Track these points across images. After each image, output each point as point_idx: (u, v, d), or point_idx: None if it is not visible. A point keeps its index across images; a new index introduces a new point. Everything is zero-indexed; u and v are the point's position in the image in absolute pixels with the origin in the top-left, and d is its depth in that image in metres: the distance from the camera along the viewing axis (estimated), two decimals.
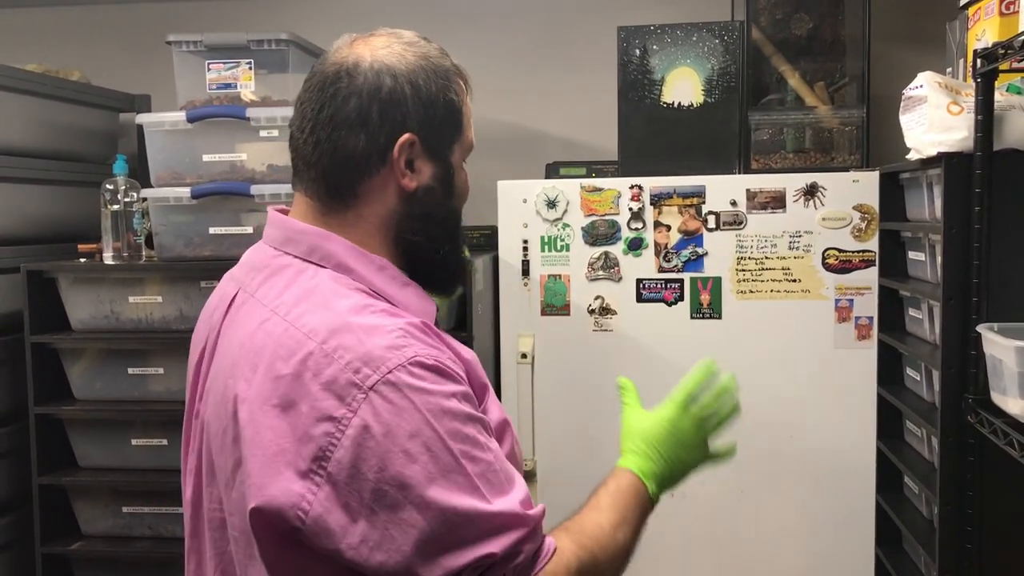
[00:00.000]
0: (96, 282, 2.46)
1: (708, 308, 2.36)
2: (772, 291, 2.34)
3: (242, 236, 2.40)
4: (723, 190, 2.34)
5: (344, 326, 1.00)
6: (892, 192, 2.33)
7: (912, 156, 2.07)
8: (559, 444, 2.42)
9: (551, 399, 2.41)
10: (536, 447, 2.40)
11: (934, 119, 1.92)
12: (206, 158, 2.42)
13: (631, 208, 2.37)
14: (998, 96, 1.83)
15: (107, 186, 2.48)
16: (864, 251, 2.30)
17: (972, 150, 1.83)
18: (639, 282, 2.38)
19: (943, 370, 1.92)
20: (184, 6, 3.20)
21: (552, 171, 2.67)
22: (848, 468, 2.34)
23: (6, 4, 3.25)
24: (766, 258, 2.33)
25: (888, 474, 2.38)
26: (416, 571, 0.95)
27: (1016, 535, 1.90)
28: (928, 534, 2.13)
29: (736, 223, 2.34)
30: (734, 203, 2.33)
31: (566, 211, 2.39)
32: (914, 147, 2.04)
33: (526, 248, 2.41)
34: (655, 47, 2.48)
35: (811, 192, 2.31)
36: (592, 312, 2.40)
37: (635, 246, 2.37)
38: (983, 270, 1.83)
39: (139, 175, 2.56)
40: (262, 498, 0.97)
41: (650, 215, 2.36)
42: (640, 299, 2.38)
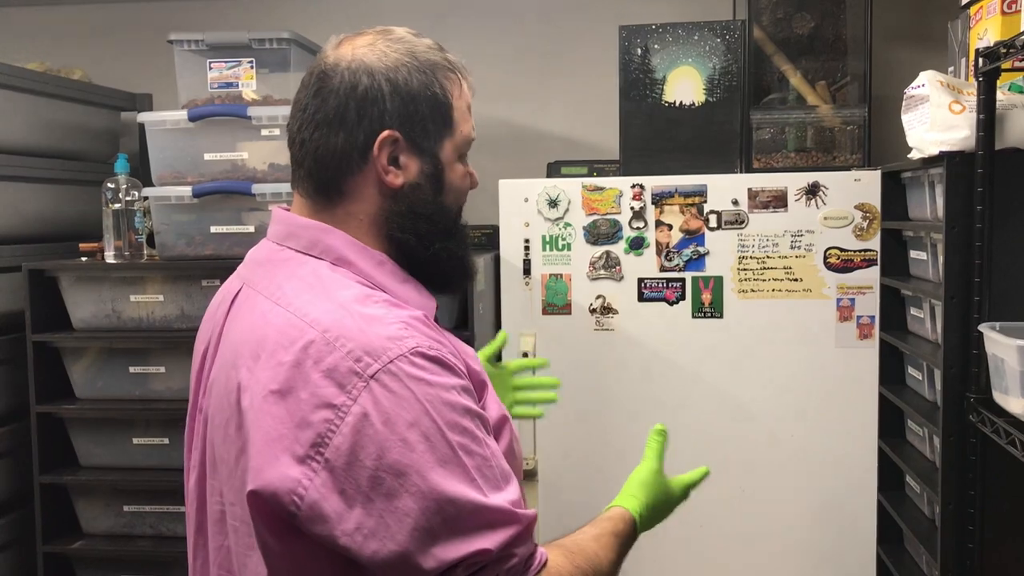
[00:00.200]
0: (97, 281, 2.46)
1: (710, 307, 2.36)
2: (774, 290, 2.34)
3: (243, 235, 2.41)
4: (725, 189, 2.34)
5: (346, 315, 1.01)
6: (894, 191, 2.33)
7: (914, 155, 2.07)
8: (560, 443, 2.42)
9: None
10: (537, 446, 2.40)
11: (936, 118, 1.92)
12: (207, 157, 2.42)
13: (632, 207, 2.37)
14: (1000, 95, 1.83)
15: (108, 185, 2.48)
16: (866, 250, 2.30)
17: (974, 149, 1.83)
18: (640, 281, 2.38)
19: (945, 369, 1.92)
20: (186, 5, 3.20)
21: (554, 170, 2.67)
22: (849, 467, 2.34)
23: (8, 3, 3.25)
24: (768, 257, 2.33)
25: (889, 473, 2.38)
26: (410, 560, 0.95)
27: (1017, 534, 1.90)
28: (929, 533, 2.13)
29: (738, 222, 2.34)
30: (736, 202, 2.33)
31: (567, 210, 2.39)
32: (916, 146, 2.04)
33: (527, 247, 2.41)
34: (657, 46, 2.48)
35: (813, 191, 2.31)
36: (593, 311, 2.40)
37: (636, 245, 2.37)
38: (985, 269, 1.83)
39: (140, 174, 2.56)
40: (259, 482, 0.98)
41: (651, 214, 2.36)
42: (641, 298, 2.38)
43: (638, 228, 2.37)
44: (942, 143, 1.91)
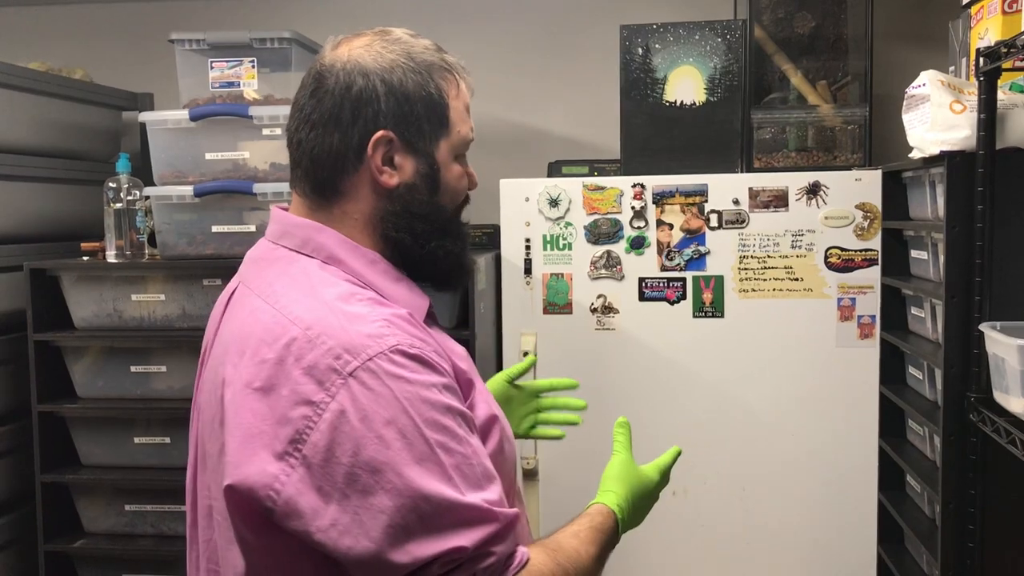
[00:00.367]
0: (99, 280, 2.47)
1: (710, 307, 2.36)
2: (774, 290, 2.34)
3: (245, 234, 2.41)
4: (725, 189, 2.34)
5: (328, 314, 1.02)
6: (894, 191, 2.33)
7: (915, 155, 2.07)
8: (561, 442, 2.42)
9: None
10: (538, 445, 2.41)
11: (936, 118, 1.92)
12: (209, 156, 2.42)
13: (633, 207, 2.37)
14: (1001, 95, 1.83)
15: (110, 184, 2.49)
16: (866, 250, 2.30)
17: (975, 149, 1.84)
18: (641, 281, 2.38)
19: (945, 369, 1.92)
20: (187, 4, 3.20)
21: (554, 170, 2.67)
22: (850, 466, 2.34)
23: (9, 3, 3.25)
24: (768, 257, 2.33)
25: (890, 472, 2.38)
26: (384, 557, 0.95)
27: (1018, 533, 1.90)
28: (930, 532, 2.13)
29: (738, 222, 2.34)
30: (736, 202, 2.33)
31: (568, 210, 2.39)
32: (916, 146, 2.04)
33: (528, 247, 2.41)
34: (657, 46, 2.48)
35: (813, 191, 2.31)
36: (594, 311, 2.40)
37: (637, 245, 2.37)
38: (985, 268, 1.83)
39: (142, 173, 2.56)
40: (236, 476, 0.99)
41: (652, 214, 2.36)
42: (642, 298, 2.38)
43: (639, 227, 2.37)
44: (943, 143, 1.91)
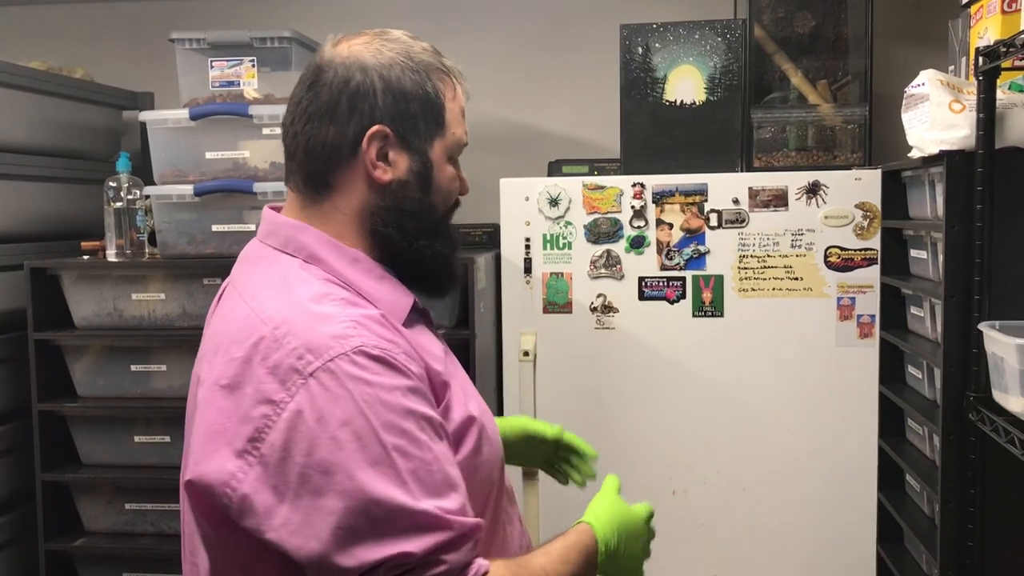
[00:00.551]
0: (99, 279, 2.47)
1: (710, 306, 2.36)
2: (774, 289, 2.34)
3: (245, 233, 2.41)
4: (725, 188, 2.34)
5: (297, 313, 1.03)
6: (894, 190, 2.33)
7: (914, 154, 2.07)
8: None
9: (553, 397, 2.41)
10: None
11: (936, 117, 1.92)
12: (209, 155, 2.43)
13: (633, 206, 2.37)
14: (1000, 94, 1.83)
15: (110, 183, 2.49)
16: (866, 249, 2.30)
17: (974, 148, 1.84)
18: (641, 280, 2.38)
19: (944, 368, 1.92)
20: (187, 4, 3.21)
21: (554, 169, 2.67)
22: (850, 466, 2.34)
23: (10, 2, 3.25)
24: (768, 256, 2.34)
25: (889, 472, 2.38)
26: (331, 558, 0.95)
27: (1017, 533, 1.90)
28: (929, 532, 2.13)
29: (738, 221, 2.34)
30: (736, 201, 2.34)
31: (568, 209, 2.39)
32: (916, 145, 2.04)
33: (528, 246, 2.41)
34: (658, 45, 2.48)
35: (813, 190, 2.31)
36: (594, 310, 2.40)
37: (637, 244, 2.38)
38: (985, 268, 1.83)
39: (142, 172, 2.56)
40: (195, 472, 1.01)
41: (652, 213, 2.37)
42: (642, 297, 2.39)
43: (639, 227, 2.37)
44: (942, 142, 1.91)
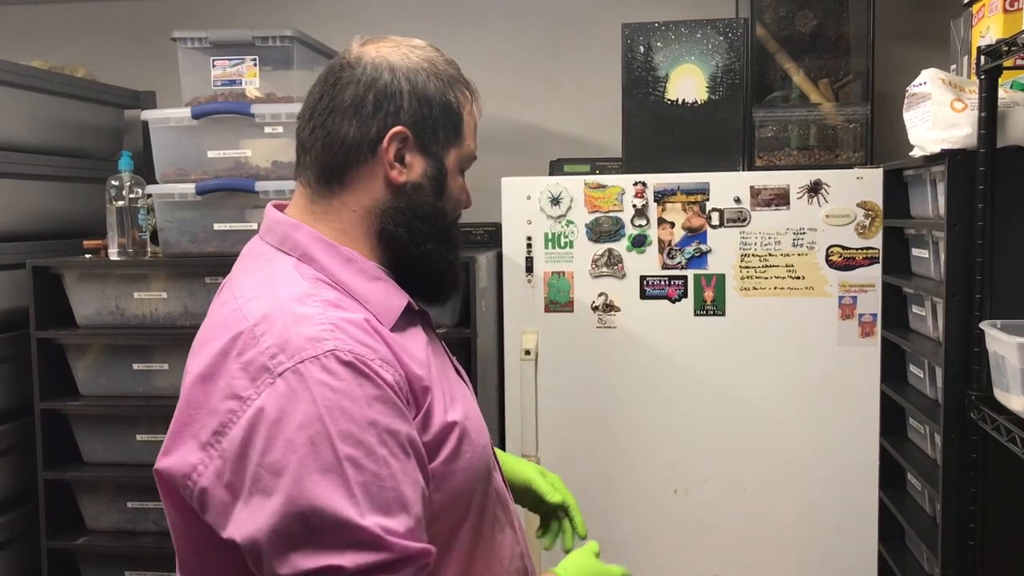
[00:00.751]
0: (101, 278, 2.47)
1: (712, 305, 2.37)
2: (776, 288, 2.34)
3: (246, 232, 2.41)
4: (727, 187, 2.34)
5: (278, 312, 1.03)
6: (896, 189, 2.33)
7: (916, 153, 2.07)
8: (562, 440, 2.43)
9: (554, 396, 2.41)
10: (539, 443, 2.41)
11: (938, 116, 1.92)
12: (211, 154, 2.43)
13: (635, 205, 2.37)
14: (1002, 93, 1.83)
15: (112, 182, 2.49)
16: (868, 248, 2.30)
17: (976, 147, 1.84)
18: (643, 279, 2.38)
19: (946, 367, 1.92)
20: (189, 2, 3.21)
21: (556, 168, 2.67)
22: (851, 465, 2.34)
23: (12, 1, 3.25)
24: (770, 255, 2.34)
25: (891, 471, 2.38)
26: (269, 560, 0.95)
27: (1018, 531, 1.90)
28: (931, 530, 2.13)
29: (740, 220, 2.34)
30: (738, 200, 2.34)
31: (570, 208, 2.39)
32: (918, 144, 2.04)
33: (530, 245, 2.41)
34: (659, 44, 2.48)
35: (815, 189, 2.31)
36: (596, 309, 2.40)
37: (639, 243, 2.38)
38: (986, 267, 1.84)
39: (144, 171, 2.57)
40: (163, 462, 1.03)
41: (654, 212, 2.37)
42: (644, 296, 2.39)
43: (640, 226, 2.37)
44: (944, 141, 1.91)
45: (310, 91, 1.18)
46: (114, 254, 2.48)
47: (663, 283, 2.38)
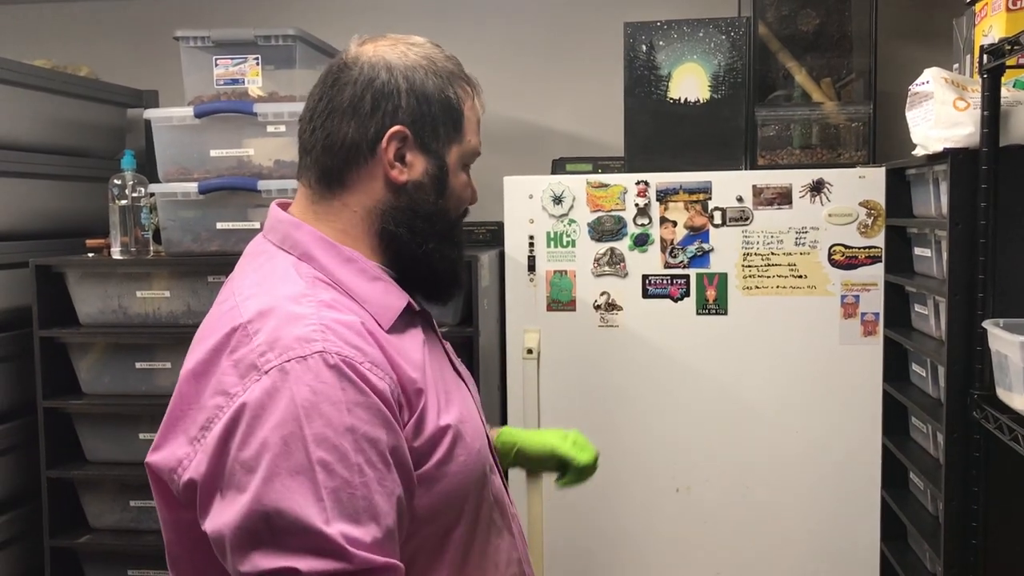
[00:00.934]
0: (104, 277, 2.48)
1: (714, 304, 2.36)
2: (778, 287, 2.34)
3: (249, 231, 2.41)
4: (729, 186, 2.34)
5: (271, 310, 1.03)
6: (898, 188, 2.33)
7: (918, 152, 2.07)
8: None
9: (557, 394, 2.41)
10: None
11: (940, 115, 1.92)
12: (213, 153, 2.43)
13: (637, 204, 2.37)
14: (1004, 92, 1.83)
15: (115, 181, 2.49)
16: (870, 247, 2.30)
17: (978, 146, 1.84)
18: (645, 278, 2.38)
19: (948, 366, 1.92)
20: (192, 2, 3.21)
21: (558, 167, 2.68)
22: (853, 464, 2.34)
23: (15, 0, 3.26)
24: (772, 254, 2.33)
25: (893, 470, 2.38)
26: (233, 556, 0.96)
27: (1021, 530, 1.90)
28: (933, 530, 2.13)
29: (742, 219, 2.34)
30: (740, 199, 2.33)
31: (572, 207, 2.39)
32: (920, 143, 2.04)
33: (532, 244, 2.41)
34: (662, 43, 2.48)
35: (817, 188, 2.31)
36: (598, 308, 2.40)
37: (641, 242, 2.38)
38: (989, 266, 1.83)
39: (147, 170, 2.57)
40: (153, 456, 1.04)
41: (656, 211, 2.37)
42: (646, 295, 2.39)
43: (642, 225, 2.37)
44: (946, 140, 1.91)
45: (310, 92, 1.18)
46: (117, 253, 2.48)
47: (665, 282, 2.38)
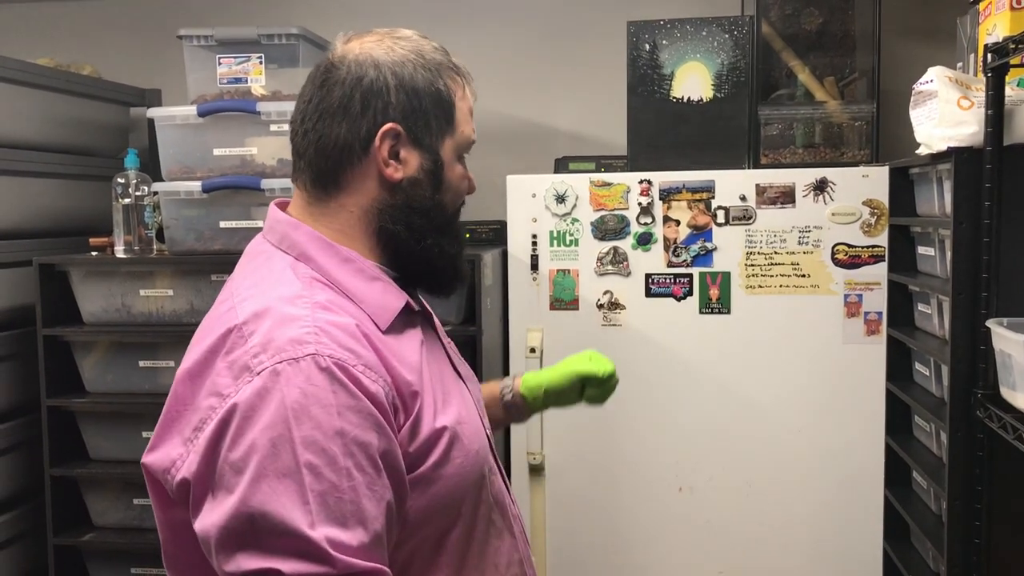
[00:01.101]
0: (107, 275, 2.48)
1: (717, 303, 2.36)
2: (781, 286, 2.34)
3: (252, 230, 2.41)
4: (732, 185, 2.34)
5: (266, 312, 1.03)
6: (902, 187, 2.33)
7: (922, 151, 2.07)
8: (567, 438, 2.43)
9: None
10: (544, 441, 2.41)
11: (944, 114, 1.92)
12: (217, 152, 2.43)
13: (640, 203, 2.37)
14: (1008, 91, 1.83)
15: (118, 180, 2.50)
16: (873, 246, 2.30)
17: (982, 145, 1.83)
18: (648, 277, 2.38)
19: (952, 365, 1.92)
20: (195, 1, 3.21)
21: (561, 166, 2.68)
22: (857, 463, 2.34)
23: None
24: (775, 253, 2.33)
25: (897, 469, 2.38)
26: (218, 556, 0.96)
27: None
28: (936, 529, 2.13)
29: (745, 218, 2.34)
30: (743, 198, 2.33)
31: (575, 206, 2.39)
32: (924, 142, 2.04)
33: (535, 243, 2.41)
34: (665, 42, 2.48)
35: (821, 187, 2.31)
36: (601, 307, 2.40)
37: (644, 241, 2.38)
38: (992, 265, 1.83)
39: (150, 169, 2.57)
40: (149, 456, 1.05)
41: (659, 210, 2.37)
42: (649, 294, 2.39)
43: (645, 224, 2.37)
44: (950, 139, 1.90)
45: (300, 94, 1.17)
46: (120, 252, 2.49)
47: (668, 281, 2.38)
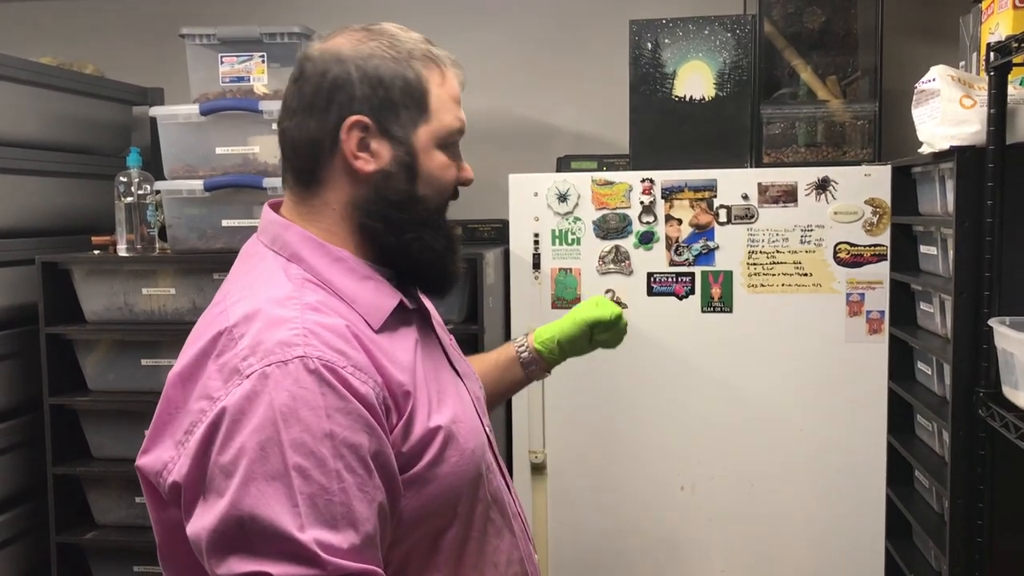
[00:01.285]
0: (110, 274, 2.48)
1: (719, 302, 2.36)
2: (783, 285, 2.34)
3: (254, 229, 2.38)
4: (735, 184, 2.34)
5: (256, 314, 1.03)
6: (904, 186, 2.33)
7: (924, 150, 2.07)
8: (569, 437, 2.43)
9: (561, 392, 2.41)
10: (546, 439, 2.41)
11: (947, 113, 1.92)
12: (219, 151, 2.43)
13: (642, 202, 2.37)
14: (1011, 90, 1.83)
15: (121, 179, 2.50)
16: (876, 245, 2.30)
17: (985, 144, 1.83)
18: (650, 276, 2.38)
19: (954, 364, 1.92)
20: None
21: (563, 164, 2.67)
22: (858, 462, 2.34)
23: None
24: (777, 252, 2.33)
25: (898, 468, 2.38)
26: (209, 559, 0.96)
27: None
28: (938, 527, 2.13)
29: (747, 217, 2.34)
30: (746, 197, 2.33)
31: (577, 205, 2.39)
32: (926, 141, 2.04)
33: (537, 241, 2.41)
34: (667, 41, 2.48)
35: (823, 186, 2.31)
36: None
37: (646, 240, 2.38)
38: (995, 264, 1.83)
39: (153, 168, 2.57)
40: (142, 459, 1.05)
41: (661, 209, 2.37)
42: (651, 293, 2.39)
43: (648, 222, 2.37)
44: (953, 138, 1.90)
45: (283, 94, 1.19)
46: (123, 250, 2.49)
47: (670, 280, 2.38)
